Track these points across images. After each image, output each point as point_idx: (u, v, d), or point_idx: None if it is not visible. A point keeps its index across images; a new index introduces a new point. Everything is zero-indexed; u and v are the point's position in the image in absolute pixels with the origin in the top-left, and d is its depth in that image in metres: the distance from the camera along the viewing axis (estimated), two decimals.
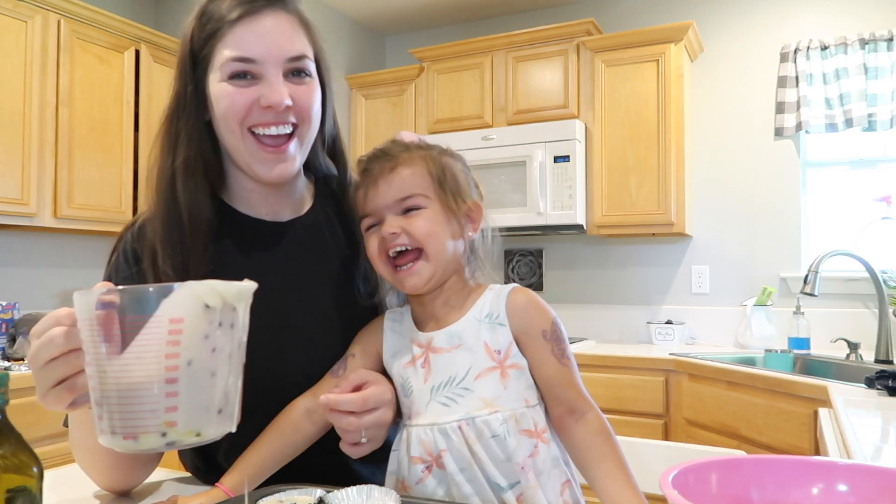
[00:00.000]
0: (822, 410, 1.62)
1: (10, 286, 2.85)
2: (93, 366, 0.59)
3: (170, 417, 0.58)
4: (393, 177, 0.86)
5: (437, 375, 0.86)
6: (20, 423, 0.64)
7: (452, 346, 0.87)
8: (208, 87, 0.90)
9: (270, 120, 0.88)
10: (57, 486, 0.96)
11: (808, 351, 2.66)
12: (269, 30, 0.87)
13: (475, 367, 0.85)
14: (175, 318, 0.58)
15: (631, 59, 2.97)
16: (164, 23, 3.51)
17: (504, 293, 0.89)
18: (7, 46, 2.51)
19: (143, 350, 0.57)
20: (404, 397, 0.88)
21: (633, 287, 3.28)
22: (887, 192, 2.86)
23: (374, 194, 0.87)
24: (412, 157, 0.88)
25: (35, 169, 2.60)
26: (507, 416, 0.83)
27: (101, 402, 0.59)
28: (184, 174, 0.92)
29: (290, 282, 0.97)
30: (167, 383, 0.58)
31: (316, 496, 0.78)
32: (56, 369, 0.65)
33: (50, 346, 0.64)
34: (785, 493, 0.62)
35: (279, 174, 0.92)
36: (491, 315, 0.88)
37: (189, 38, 0.90)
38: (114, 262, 0.96)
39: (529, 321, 0.87)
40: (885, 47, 2.77)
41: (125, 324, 0.58)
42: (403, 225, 0.85)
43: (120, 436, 0.59)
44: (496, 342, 0.86)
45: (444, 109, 3.33)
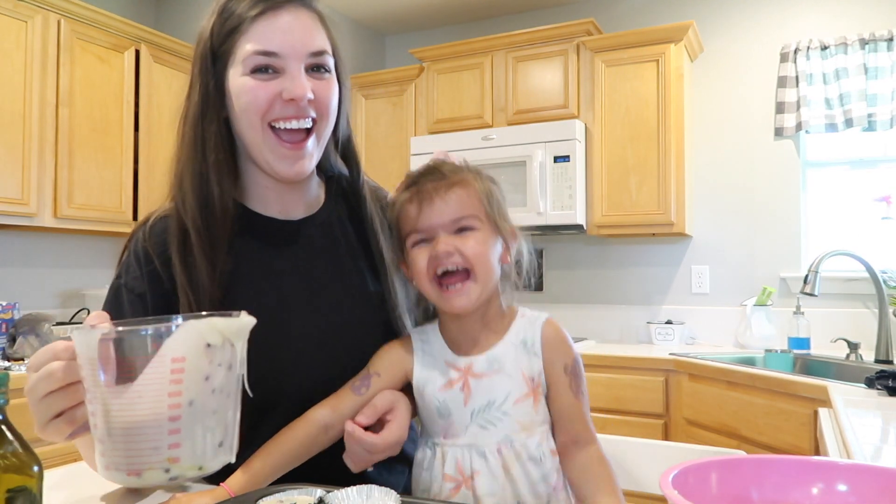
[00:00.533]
0: (822, 410, 1.62)
1: (10, 286, 2.85)
2: (95, 403, 0.60)
3: (173, 454, 0.59)
4: (450, 196, 0.88)
5: (477, 399, 0.88)
6: (20, 423, 0.64)
7: (492, 371, 0.89)
8: (227, 83, 0.90)
9: (291, 114, 0.89)
10: (57, 486, 0.96)
11: (808, 351, 2.66)
12: (291, 24, 0.88)
13: (514, 393, 0.88)
14: (177, 358, 0.59)
15: (631, 59, 2.97)
16: (164, 23, 3.51)
17: (539, 323, 0.92)
18: (7, 46, 2.51)
19: (146, 389, 0.58)
20: (440, 418, 0.90)
21: (633, 287, 3.28)
22: (887, 192, 2.86)
23: (429, 212, 0.88)
24: (466, 178, 0.90)
25: (35, 169, 2.60)
26: (540, 439, 0.88)
27: (103, 439, 0.60)
28: (217, 175, 0.92)
29: (302, 280, 0.97)
30: (170, 421, 0.59)
31: (316, 496, 0.78)
32: (55, 402, 0.66)
33: (49, 379, 0.65)
34: (785, 493, 0.62)
35: (297, 171, 0.92)
36: (526, 342, 0.91)
37: (209, 34, 0.90)
38: (125, 261, 0.95)
39: (556, 354, 0.91)
40: (885, 47, 2.77)
41: (127, 362, 0.58)
42: (457, 244, 0.87)
43: (124, 472, 0.60)
44: (531, 370, 0.89)
45: (444, 109, 3.33)
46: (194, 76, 0.92)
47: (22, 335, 2.38)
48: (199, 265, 0.89)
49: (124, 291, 0.92)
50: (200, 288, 0.89)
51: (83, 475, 0.93)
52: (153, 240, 0.93)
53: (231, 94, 0.90)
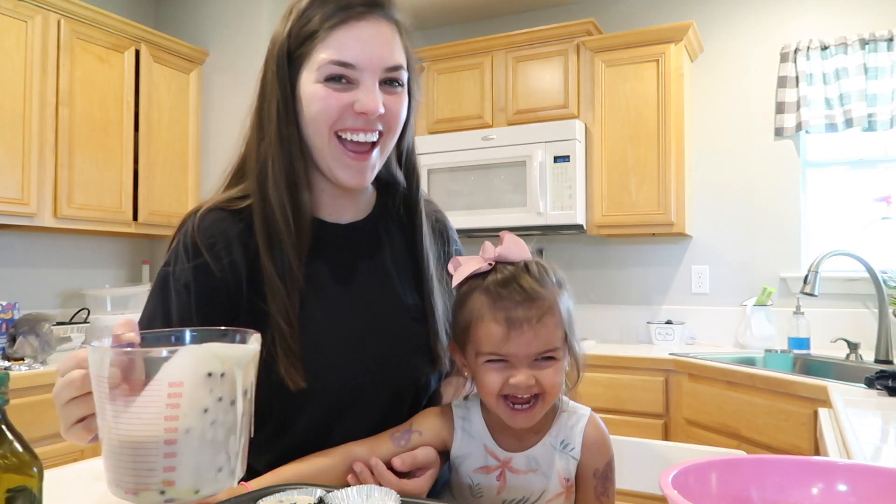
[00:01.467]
0: (821, 410, 1.62)
1: (10, 286, 2.85)
2: (101, 417, 0.61)
3: (168, 477, 0.59)
4: (540, 327, 0.84)
5: (511, 492, 0.90)
6: (20, 423, 0.64)
7: (529, 470, 0.90)
8: (299, 87, 0.90)
9: (360, 126, 0.89)
10: (57, 486, 0.96)
11: (807, 351, 2.66)
12: (371, 36, 0.88)
13: (548, 493, 0.90)
14: (174, 383, 0.58)
15: (631, 59, 2.97)
16: (164, 23, 3.51)
17: (581, 425, 0.92)
18: (7, 46, 2.51)
19: (144, 410, 0.58)
20: (471, 496, 0.92)
21: (633, 287, 3.28)
22: (887, 192, 2.86)
23: (517, 341, 0.84)
24: (552, 302, 0.86)
25: (35, 169, 2.60)
26: None
27: (107, 454, 0.61)
28: (305, 183, 0.93)
29: (341, 283, 0.97)
30: (166, 444, 0.58)
31: (316, 496, 0.78)
32: (76, 409, 0.68)
33: (69, 387, 0.67)
34: (785, 493, 0.62)
35: (359, 181, 0.93)
36: (566, 444, 0.91)
37: (286, 37, 0.90)
38: (174, 249, 0.94)
39: (592, 457, 0.92)
40: (885, 47, 2.77)
41: (131, 382, 0.58)
42: (537, 375, 0.85)
43: (122, 489, 0.60)
44: (567, 471, 0.91)
45: (444, 109, 3.33)
46: (269, 78, 0.92)
47: (22, 335, 2.38)
48: (290, 264, 0.90)
49: (171, 281, 0.91)
50: (290, 282, 0.90)
51: (83, 475, 0.93)
52: (202, 233, 0.92)
53: (301, 98, 0.90)
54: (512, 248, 0.89)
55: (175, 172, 3.19)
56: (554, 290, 0.87)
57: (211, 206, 0.95)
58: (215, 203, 0.96)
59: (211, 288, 0.90)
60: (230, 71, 3.33)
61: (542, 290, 0.86)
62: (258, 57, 3.79)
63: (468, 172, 3.13)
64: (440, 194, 3.18)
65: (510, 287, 0.85)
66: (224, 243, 0.92)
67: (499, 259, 0.89)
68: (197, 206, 0.97)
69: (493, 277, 0.87)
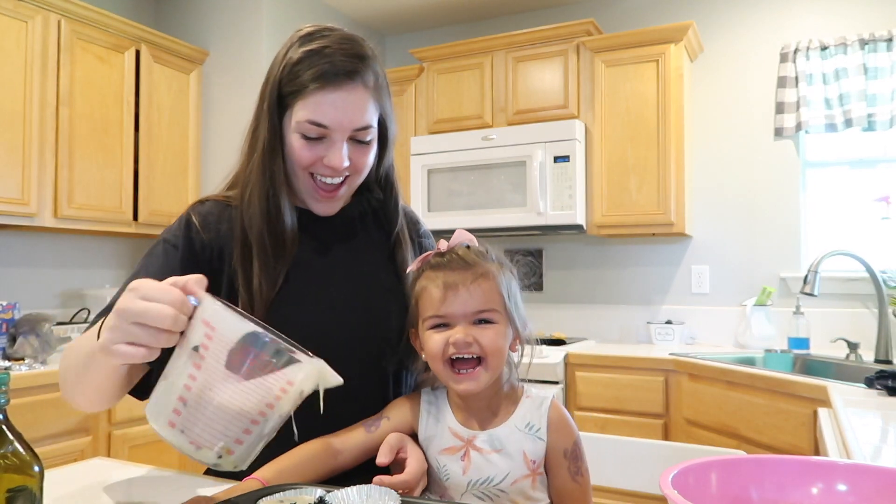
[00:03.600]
0: (821, 410, 1.62)
1: (10, 286, 2.85)
2: (203, 374, 0.65)
3: (232, 447, 0.66)
4: (475, 287, 0.91)
5: (475, 472, 0.93)
6: (20, 423, 0.64)
7: (493, 450, 0.93)
8: (284, 125, 1.03)
9: (329, 174, 1.03)
10: (57, 486, 0.96)
11: (807, 351, 2.66)
12: (345, 102, 0.99)
13: (513, 474, 0.92)
14: (290, 381, 0.67)
15: (631, 59, 2.97)
16: (164, 23, 3.51)
17: (544, 407, 0.96)
18: (7, 46, 2.51)
19: (257, 389, 0.65)
20: (439, 479, 0.95)
21: (633, 287, 3.28)
22: (887, 192, 2.86)
23: (453, 300, 0.91)
24: (490, 270, 0.94)
25: (35, 169, 2.60)
26: None
27: (190, 405, 0.65)
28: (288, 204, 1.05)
29: (320, 260, 1.08)
30: (251, 423, 0.66)
31: (316, 496, 0.78)
32: (145, 336, 0.69)
33: (156, 317, 0.69)
34: (785, 493, 0.62)
35: (327, 211, 1.09)
36: (531, 426, 0.94)
37: (278, 82, 1.01)
38: (171, 225, 1.07)
39: (559, 438, 0.95)
40: (885, 47, 2.77)
41: (253, 360, 0.65)
42: (475, 335, 0.91)
43: (186, 438, 0.65)
44: (534, 453, 0.93)
45: (444, 109, 3.33)
46: (264, 110, 1.03)
47: (22, 335, 2.38)
48: (258, 275, 1.01)
49: (162, 243, 1.04)
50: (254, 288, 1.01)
51: (82, 475, 0.93)
52: (198, 213, 1.06)
53: (285, 137, 1.03)
54: (458, 237, 0.99)
55: (175, 172, 3.19)
56: (492, 265, 0.95)
57: (208, 198, 1.11)
58: (211, 196, 1.11)
59: (197, 253, 1.02)
60: (230, 71, 3.33)
61: (478, 260, 0.94)
62: (258, 57, 3.76)
63: (468, 172, 3.13)
64: (440, 194, 3.18)
65: (448, 256, 0.96)
66: (215, 222, 1.05)
67: (447, 249, 0.98)
68: (205, 197, 1.12)
69: (435, 256, 0.98)
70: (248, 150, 1.06)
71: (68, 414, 2.28)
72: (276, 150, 1.02)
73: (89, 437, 2.36)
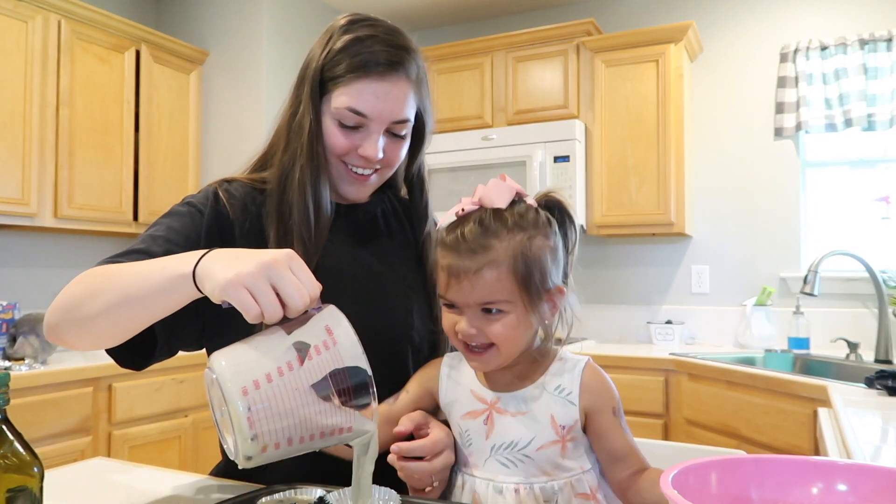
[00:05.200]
0: (821, 410, 1.62)
1: (10, 286, 2.85)
2: (295, 372, 0.65)
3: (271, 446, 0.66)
4: (477, 279, 0.82)
5: (499, 436, 0.87)
6: (20, 424, 0.64)
7: (518, 412, 0.87)
8: (321, 110, 1.01)
9: (361, 164, 1.02)
10: (57, 486, 0.96)
11: (807, 351, 2.66)
12: (386, 93, 0.97)
13: (539, 439, 0.86)
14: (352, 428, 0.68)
15: (631, 59, 2.97)
16: (164, 23, 3.51)
17: (578, 370, 0.88)
18: (7, 46, 2.51)
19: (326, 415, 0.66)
20: (462, 447, 0.90)
21: (633, 287, 3.28)
22: (887, 192, 2.86)
23: (456, 289, 0.84)
24: (501, 256, 0.82)
25: (35, 169, 2.60)
26: (562, 485, 0.85)
27: (266, 385, 0.64)
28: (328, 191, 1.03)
29: (344, 252, 1.06)
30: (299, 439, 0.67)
31: (316, 496, 0.78)
32: (270, 300, 0.67)
33: (294, 293, 0.67)
34: (785, 493, 0.62)
35: (357, 196, 1.07)
36: (562, 390, 0.87)
37: (321, 66, 0.99)
38: (192, 195, 1.03)
39: (602, 401, 0.88)
40: (885, 47, 2.77)
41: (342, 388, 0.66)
42: (482, 326, 0.83)
43: (244, 416, 0.64)
44: (564, 417, 0.86)
45: (444, 109, 3.33)
46: (306, 93, 1.00)
47: (22, 335, 2.38)
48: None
49: (185, 206, 1.00)
50: None
51: (82, 475, 0.93)
52: (228, 192, 1.03)
53: (322, 122, 1.02)
54: (490, 193, 0.87)
55: (175, 172, 3.19)
56: (508, 241, 0.83)
57: (235, 178, 1.07)
58: (236, 177, 1.07)
59: (222, 226, 0.99)
60: (230, 71, 3.33)
61: (486, 242, 0.83)
62: (258, 57, 3.76)
63: (468, 172, 3.13)
64: (440, 194, 3.18)
65: (454, 236, 0.85)
66: (241, 202, 1.02)
67: (478, 203, 0.87)
68: (226, 178, 1.07)
69: (449, 225, 0.87)
70: (289, 136, 1.02)
71: (68, 414, 2.28)
72: (320, 136, 1.00)
73: (89, 437, 2.36)
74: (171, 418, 2.62)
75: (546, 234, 0.86)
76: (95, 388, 2.38)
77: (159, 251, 0.90)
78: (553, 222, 0.89)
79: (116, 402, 2.43)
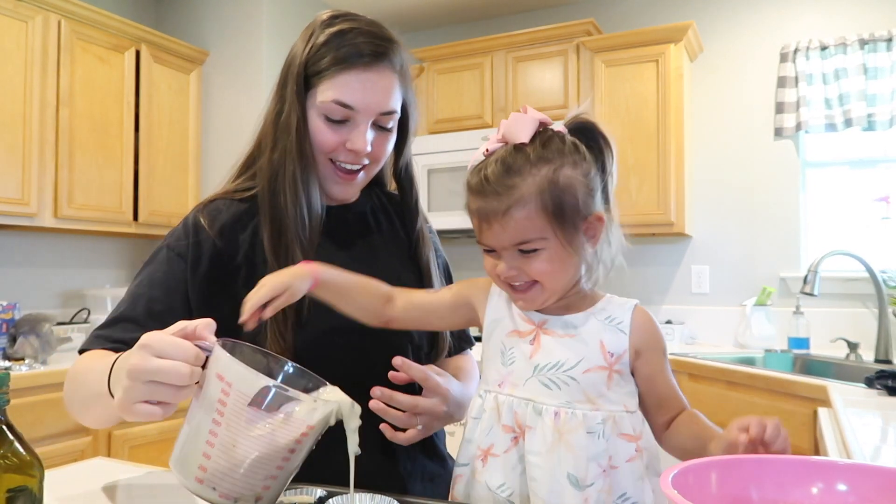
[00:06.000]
0: (821, 410, 1.62)
1: (10, 286, 2.85)
2: (226, 430, 0.65)
3: (262, 493, 0.68)
4: (507, 221, 0.79)
5: (544, 355, 0.83)
6: (20, 423, 0.64)
7: (566, 334, 0.84)
8: (307, 105, 1.00)
9: (350, 159, 1.01)
10: (57, 485, 0.96)
11: (807, 351, 2.66)
12: (374, 84, 0.97)
13: (586, 361, 0.82)
14: (310, 426, 0.68)
15: (631, 59, 2.97)
16: (164, 23, 3.51)
17: (629, 306, 0.87)
18: (7, 47, 2.51)
19: (279, 438, 0.66)
20: (501, 365, 0.86)
21: (633, 287, 3.28)
22: (887, 192, 2.86)
23: (488, 233, 0.82)
24: (526, 193, 0.79)
25: (35, 169, 2.60)
26: (605, 417, 0.81)
27: (212, 458, 0.65)
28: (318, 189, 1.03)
29: (336, 255, 1.05)
30: (277, 469, 0.67)
31: (316, 496, 0.78)
32: (163, 393, 0.69)
33: (175, 376, 0.67)
34: (785, 492, 0.62)
35: (344, 196, 1.07)
36: (612, 319, 0.85)
37: (304, 62, 0.99)
38: (173, 230, 1.04)
39: (655, 339, 0.86)
40: (885, 47, 2.77)
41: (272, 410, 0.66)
42: (521, 266, 0.81)
43: (216, 493, 0.66)
44: (613, 344, 0.83)
45: (444, 109, 3.33)
46: (290, 91, 1.00)
47: (22, 335, 2.38)
48: (295, 254, 0.98)
49: (165, 251, 1.01)
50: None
51: (83, 475, 0.93)
52: (207, 213, 1.02)
53: (308, 119, 1.01)
54: (511, 128, 0.85)
55: (175, 172, 3.19)
56: (534, 176, 0.80)
57: (214, 197, 1.06)
58: (218, 195, 1.07)
59: (209, 260, 0.99)
60: (230, 71, 3.33)
61: (510, 181, 0.79)
62: (258, 57, 3.76)
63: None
64: (440, 194, 3.18)
65: (478, 178, 0.82)
66: (227, 222, 1.02)
67: (502, 140, 0.85)
68: (206, 199, 1.07)
69: (474, 168, 0.84)
70: (276, 135, 1.01)
71: (68, 414, 2.27)
72: (307, 133, 1.00)
73: (89, 437, 2.36)
74: (171, 418, 2.61)
75: (574, 162, 0.84)
76: None
77: (141, 315, 0.96)
78: (581, 148, 0.86)
79: None
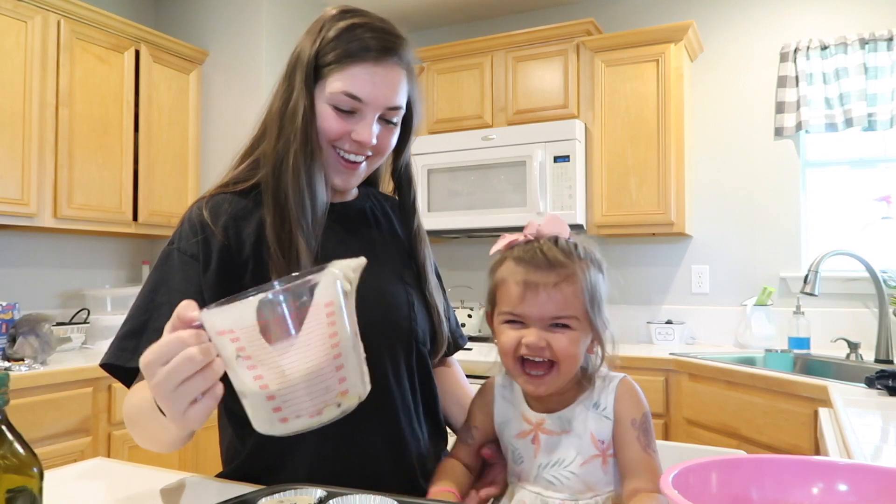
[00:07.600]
0: (822, 410, 1.62)
1: (10, 286, 2.85)
2: (262, 366, 0.64)
3: (342, 388, 0.66)
4: (556, 292, 0.86)
5: (545, 455, 0.91)
6: (20, 424, 0.64)
7: (562, 431, 0.92)
8: (315, 96, 1.01)
9: (354, 150, 1.02)
10: (57, 486, 0.96)
11: (808, 351, 2.66)
12: (383, 78, 0.99)
13: (582, 454, 0.90)
14: (328, 303, 0.65)
15: (631, 59, 2.97)
16: (164, 23, 3.51)
17: (612, 386, 0.93)
18: (7, 46, 2.51)
19: (312, 337, 0.65)
20: (514, 464, 0.95)
21: (633, 287, 3.28)
22: (887, 191, 2.86)
23: (532, 302, 0.87)
24: (575, 272, 0.88)
25: (35, 169, 2.60)
26: (604, 499, 0.89)
27: (281, 394, 0.65)
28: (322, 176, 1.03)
29: (338, 251, 1.03)
30: (334, 359, 0.65)
31: (316, 496, 0.78)
32: (197, 384, 0.67)
33: (189, 364, 0.66)
34: (785, 493, 0.62)
35: (346, 185, 1.07)
36: (598, 406, 0.92)
37: (314, 54, 1.00)
38: (178, 230, 1.02)
39: (626, 411, 0.91)
40: (885, 47, 2.77)
41: (282, 321, 0.64)
42: (549, 339, 0.87)
43: (306, 416, 0.65)
44: (601, 433, 0.90)
45: (444, 109, 3.33)
46: (298, 82, 1.00)
47: (22, 335, 2.38)
48: (299, 244, 0.97)
49: (176, 254, 0.99)
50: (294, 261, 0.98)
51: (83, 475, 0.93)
52: (210, 210, 1.01)
53: (315, 108, 1.02)
54: (550, 224, 0.93)
55: (175, 172, 3.19)
56: (580, 264, 0.89)
57: (214, 192, 1.05)
58: (218, 189, 1.06)
59: (218, 257, 0.98)
60: (230, 71, 3.33)
61: (563, 259, 0.88)
62: (258, 57, 3.76)
63: (468, 172, 3.13)
64: (440, 194, 3.18)
65: (532, 252, 0.89)
66: (231, 217, 1.01)
67: (536, 235, 0.92)
68: (202, 196, 1.06)
69: (521, 246, 0.92)
70: (282, 122, 1.01)
71: (68, 414, 2.28)
72: (314, 120, 1.00)
73: (89, 437, 2.36)
74: None
75: (602, 272, 0.93)
76: (95, 388, 2.38)
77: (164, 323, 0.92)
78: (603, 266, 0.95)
79: (116, 403, 2.43)
